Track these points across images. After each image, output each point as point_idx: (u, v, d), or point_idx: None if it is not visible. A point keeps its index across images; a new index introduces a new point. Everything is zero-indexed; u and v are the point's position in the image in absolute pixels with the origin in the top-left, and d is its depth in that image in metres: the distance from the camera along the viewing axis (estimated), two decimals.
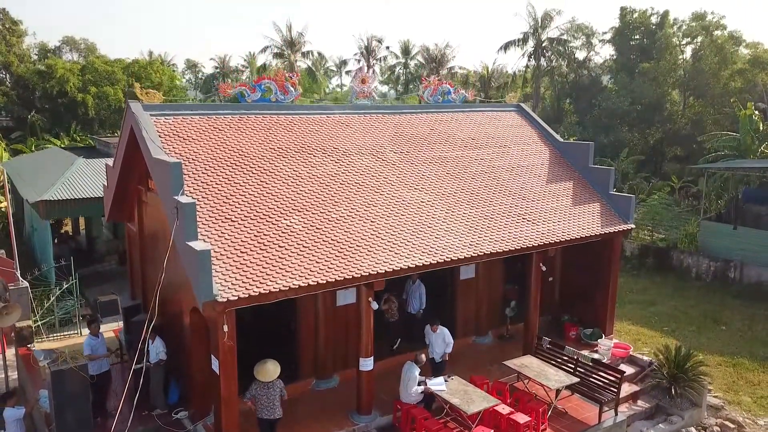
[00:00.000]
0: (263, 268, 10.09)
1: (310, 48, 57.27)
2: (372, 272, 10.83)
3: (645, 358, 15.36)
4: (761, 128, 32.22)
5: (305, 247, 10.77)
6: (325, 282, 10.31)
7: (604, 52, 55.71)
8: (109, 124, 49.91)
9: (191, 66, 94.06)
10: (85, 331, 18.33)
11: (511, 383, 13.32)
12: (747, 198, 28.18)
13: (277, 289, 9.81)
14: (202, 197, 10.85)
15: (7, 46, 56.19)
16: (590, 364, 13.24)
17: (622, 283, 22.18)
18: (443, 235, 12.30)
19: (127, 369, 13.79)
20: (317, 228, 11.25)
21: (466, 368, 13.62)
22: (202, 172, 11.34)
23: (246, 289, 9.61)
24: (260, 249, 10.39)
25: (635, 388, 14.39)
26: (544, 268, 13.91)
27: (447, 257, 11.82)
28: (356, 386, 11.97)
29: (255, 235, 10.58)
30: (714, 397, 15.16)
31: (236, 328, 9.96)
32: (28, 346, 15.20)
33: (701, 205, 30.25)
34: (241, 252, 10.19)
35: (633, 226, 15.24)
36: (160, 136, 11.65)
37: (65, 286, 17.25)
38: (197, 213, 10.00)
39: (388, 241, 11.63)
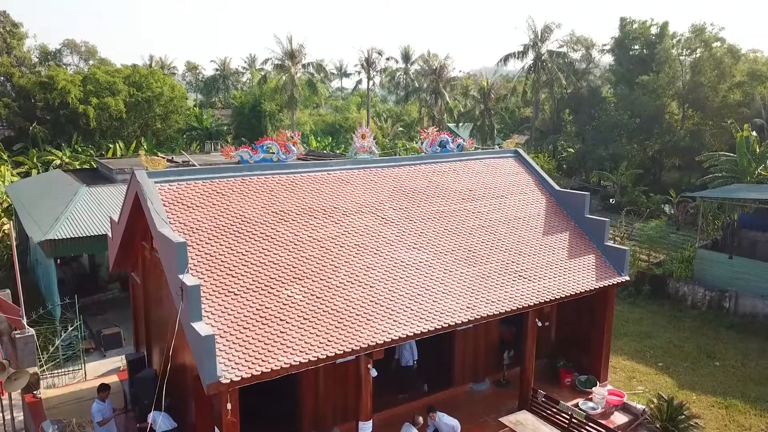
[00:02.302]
0: (265, 344, 10.37)
1: (311, 60, 57.36)
2: (371, 343, 11.12)
3: (639, 406, 15.69)
4: (758, 150, 32.49)
5: (306, 318, 11.06)
6: (325, 357, 10.60)
7: (604, 62, 55.80)
8: (110, 134, 50.16)
9: (192, 68, 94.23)
10: (89, 366, 18.89)
11: None
12: (743, 223, 28.49)
13: (279, 367, 10.10)
14: (206, 270, 11.13)
15: (7, 48, 56.42)
16: (583, 420, 13.56)
17: (618, 312, 22.53)
18: (441, 298, 12.58)
19: (130, 421, 14.12)
20: (317, 297, 11.53)
21: (463, 419, 13.87)
22: (206, 242, 11.61)
23: (249, 368, 9.89)
24: (262, 323, 10.67)
25: None
26: (540, 324, 14.23)
27: (445, 322, 12.11)
28: None
29: (257, 309, 10.86)
30: None
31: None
32: (34, 392, 15.49)
33: (698, 225, 30.53)
34: (244, 328, 10.47)
35: (627, 278, 15.53)
36: (164, 204, 11.92)
37: (70, 329, 17.53)
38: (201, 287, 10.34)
39: (387, 308, 11.91)
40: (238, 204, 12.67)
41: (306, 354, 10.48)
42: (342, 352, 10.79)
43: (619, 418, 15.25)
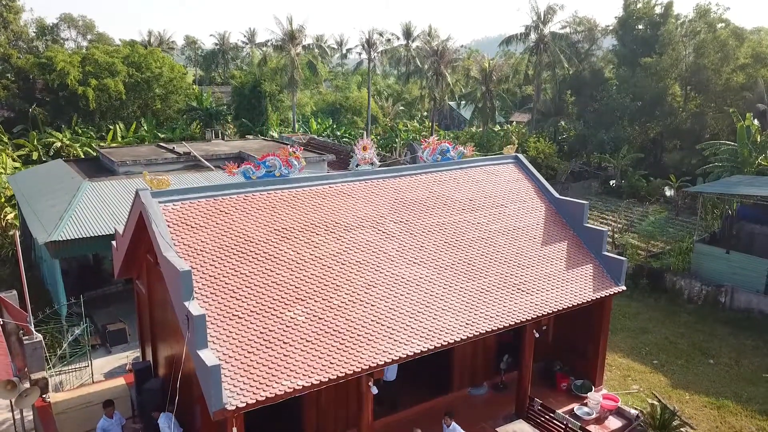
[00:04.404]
0: (269, 368, 10.66)
1: (311, 36, 56.84)
2: (372, 364, 11.42)
3: (632, 411, 16.08)
4: (759, 140, 32.49)
5: (308, 341, 11.33)
6: (327, 379, 10.90)
7: (606, 44, 55.30)
8: (110, 115, 50.05)
9: (190, 43, 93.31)
10: (96, 362, 19.25)
11: None
12: (742, 215, 28.68)
13: (282, 392, 10.42)
14: (210, 293, 11.36)
15: (3, 23, 56.08)
16: (578, 430, 13.94)
17: (616, 306, 22.81)
18: (441, 315, 12.84)
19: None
20: (319, 318, 11.77)
21: (461, 426, 14.27)
22: (210, 264, 11.81)
23: (253, 393, 10.20)
24: (266, 347, 10.94)
25: None
26: (537, 335, 14.53)
27: (444, 340, 12.41)
28: None
29: (261, 332, 11.12)
30: None
31: None
32: (43, 396, 15.85)
33: (698, 214, 30.71)
34: (248, 352, 10.74)
35: (624, 288, 15.77)
36: (168, 225, 12.09)
37: (77, 332, 17.87)
38: (205, 309, 10.63)
39: (388, 327, 12.18)
40: (240, 223, 12.83)
41: (309, 377, 10.78)
42: (344, 374, 11.10)
43: (614, 423, 15.66)
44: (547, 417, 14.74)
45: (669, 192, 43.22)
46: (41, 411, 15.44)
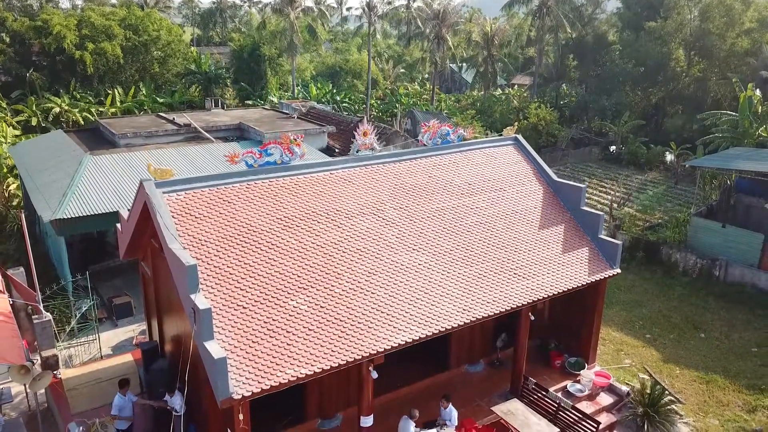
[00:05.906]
0: (273, 357, 11.08)
1: (310, 2, 55.83)
2: (372, 351, 11.85)
3: (623, 387, 16.65)
4: (760, 110, 32.43)
5: (311, 330, 11.72)
6: (329, 367, 11.35)
7: (611, 6, 54.44)
8: (107, 79, 49.64)
9: (188, 1, 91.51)
10: (103, 336, 19.77)
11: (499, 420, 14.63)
12: (740, 188, 28.89)
13: (287, 380, 10.86)
14: (215, 284, 11.69)
15: None
16: (570, 410, 14.50)
17: (611, 279, 23.16)
18: (439, 301, 13.22)
19: (147, 409, 15.00)
20: (321, 306, 12.14)
21: (457, 403, 14.78)
22: (214, 255, 12.10)
23: (258, 382, 10.64)
24: (270, 336, 11.34)
25: (613, 418, 15.80)
26: (532, 318, 14.95)
27: (442, 326, 12.80)
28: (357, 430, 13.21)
29: (264, 322, 11.50)
30: (684, 423, 16.51)
31: None
32: (54, 373, 16.38)
33: (696, 185, 30.96)
34: (253, 342, 11.14)
35: (619, 270, 16.11)
36: (172, 215, 12.34)
37: (84, 309, 18.31)
38: (210, 300, 11.01)
39: (387, 314, 12.56)
40: (243, 212, 13.06)
41: (311, 365, 11.21)
42: (345, 362, 11.53)
43: (605, 399, 16.26)
44: (541, 395, 15.28)
45: (669, 157, 43.30)
46: (53, 387, 15.93)
